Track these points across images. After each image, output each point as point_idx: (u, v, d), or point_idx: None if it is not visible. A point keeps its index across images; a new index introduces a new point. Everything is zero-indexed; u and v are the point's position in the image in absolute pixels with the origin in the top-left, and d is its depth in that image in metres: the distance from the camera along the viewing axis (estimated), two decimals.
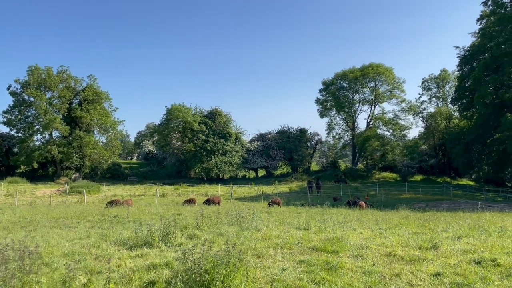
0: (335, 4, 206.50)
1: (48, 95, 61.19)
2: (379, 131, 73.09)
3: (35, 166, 59.23)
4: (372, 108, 75.67)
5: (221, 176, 67.09)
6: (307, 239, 10.40)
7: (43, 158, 59.26)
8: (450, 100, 68.53)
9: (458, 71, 63.43)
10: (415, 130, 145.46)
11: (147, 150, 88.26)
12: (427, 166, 68.47)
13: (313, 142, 76.55)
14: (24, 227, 15.75)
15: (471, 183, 63.88)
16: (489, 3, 53.45)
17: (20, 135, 60.94)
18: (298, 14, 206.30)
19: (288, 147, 69.88)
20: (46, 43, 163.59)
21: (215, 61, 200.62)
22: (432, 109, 73.58)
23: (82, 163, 62.40)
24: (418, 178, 65.42)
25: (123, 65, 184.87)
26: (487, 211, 24.32)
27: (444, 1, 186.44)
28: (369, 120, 75.44)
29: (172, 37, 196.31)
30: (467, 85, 58.70)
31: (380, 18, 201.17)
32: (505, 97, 50.89)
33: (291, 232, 11.87)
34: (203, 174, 64.54)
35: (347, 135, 77.60)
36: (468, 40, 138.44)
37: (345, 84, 74.84)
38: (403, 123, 73.57)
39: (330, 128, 77.41)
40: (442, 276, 6.67)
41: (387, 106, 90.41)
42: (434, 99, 75.45)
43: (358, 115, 76.97)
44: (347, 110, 75.80)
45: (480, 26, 56.83)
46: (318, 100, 77.36)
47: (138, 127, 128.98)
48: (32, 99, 58.90)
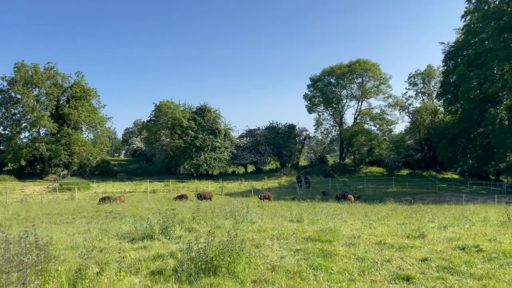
0: (321, 0, 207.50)
1: (36, 92, 60.66)
2: (366, 126, 74.19)
3: (23, 163, 58.75)
4: (359, 103, 76.65)
5: (210, 172, 67.38)
6: (301, 230, 10.88)
7: (31, 155, 58.84)
8: (435, 95, 69.81)
9: (443, 67, 64.63)
10: (401, 125, 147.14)
11: (135, 147, 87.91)
12: (413, 160, 69.75)
13: (301, 138, 77.25)
14: (21, 223, 15.93)
15: (456, 176, 65.31)
16: (473, 0, 54.47)
17: (7, 132, 60.36)
18: (285, 10, 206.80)
19: (277, 142, 70.44)
20: (31, 39, 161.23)
21: (203, 58, 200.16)
22: (418, 104, 74.91)
23: (71, 160, 62.04)
24: (405, 172, 66.58)
25: (108, 61, 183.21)
26: (471, 203, 25.16)
27: None
28: (356, 115, 76.38)
29: (159, 33, 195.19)
30: (451, 80, 59.83)
31: (366, 14, 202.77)
32: (488, 92, 52.09)
33: (285, 224, 12.34)
34: (192, 170, 64.75)
35: (335, 130, 78.47)
36: (453, 36, 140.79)
37: (332, 80, 75.60)
38: (389, 118, 74.66)
39: (318, 123, 78.20)
40: (429, 261, 7.21)
41: (374, 102, 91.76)
42: (420, 94, 76.71)
43: (346, 110, 77.89)
44: (335, 106, 76.60)
45: (465, 23, 57.84)
46: (306, 96, 78.02)
47: (125, 124, 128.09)
48: (19, 97, 58.37)
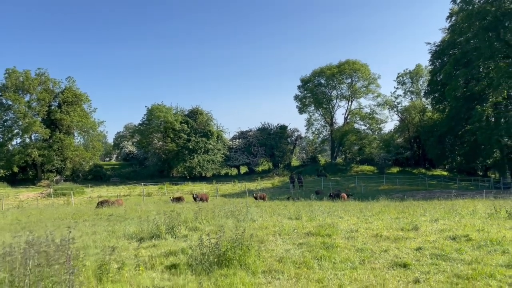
0: (309, 2, 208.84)
1: (27, 98, 60.63)
2: (356, 125, 75.38)
3: (15, 170, 58.60)
4: (349, 103, 77.69)
5: (204, 174, 67.76)
6: (301, 226, 11.45)
7: (24, 161, 58.72)
8: (423, 94, 71.12)
9: (430, 66, 65.92)
10: (390, 123, 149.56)
11: (127, 151, 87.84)
12: (403, 158, 70.91)
13: (293, 138, 78.02)
14: (24, 228, 16.23)
15: (445, 173, 66.56)
16: (458, 1, 55.66)
17: None
18: (274, 12, 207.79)
19: (269, 143, 71.07)
20: (20, 45, 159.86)
21: (193, 60, 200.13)
22: (406, 103, 76.20)
23: (63, 166, 61.97)
24: (395, 170, 67.66)
25: (97, 66, 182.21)
26: (460, 198, 25.96)
27: None
28: (346, 115, 77.43)
29: (148, 37, 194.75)
30: (439, 79, 61.04)
31: (355, 14, 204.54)
32: (474, 90, 53.30)
33: (285, 221, 12.89)
34: (186, 172, 65.09)
35: (326, 130, 79.40)
36: (439, 36, 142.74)
37: (322, 81, 76.54)
38: (379, 117, 75.87)
39: (309, 124, 79.05)
40: (423, 250, 7.83)
41: (364, 101, 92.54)
42: (409, 93, 78.02)
43: (336, 110, 78.91)
44: (325, 106, 77.52)
45: (450, 23, 59.13)
46: (297, 97, 78.84)
47: (115, 128, 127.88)
48: (10, 103, 58.28)
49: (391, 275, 6.27)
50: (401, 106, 75.75)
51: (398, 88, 77.49)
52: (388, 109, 76.45)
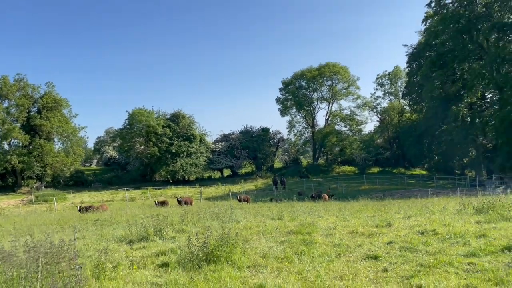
0: (289, 4, 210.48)
1: (5, 104, 59.85)
2: (337, 127, 76.91)
3: None
4: (330, 105, 79.13)
5: (187, 178, 67.96)
6: (283, 226, 12.10)
7: (3, 168, 57.91)
8: (402, 95, 72.97)
9: (408, 68, 67.75)
10: (370, 124, 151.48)
11: (108, 156, 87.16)
12: (383, 158, 72.54)
13: (275, 140, 78.90)
14: (12, 234, 16.44)
15: (424, 172, 68.35)
16: (432, 5, 57.52)
17: None
18: (254, 14, 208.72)
19: (252, 146, 71.73)
20: None
21: (172, 64, 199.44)
22: (385, 104, 78.05)
23: (44, 172, 61.31)
24: (375, 170, 69.15)
25: (75, 70, 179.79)
26: (436, 197, 27.05)
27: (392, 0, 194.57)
28: (327, 117, 78.80)
29: (126, 40, 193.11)
30: (416, 80, 62.85)
31: (335, 17, 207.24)
32: (450, 91, 55.15)
33: (268, 222, 13.53)
34: (169, 176, 65.21)
35: (307, 132, 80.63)
36: (415, 38, 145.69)
37: (303, 83, 77.72)
38: (359, 118, 77.50)
39: (291, 126, 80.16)
40: (394, 244, 8.56)
41: (344, 103, 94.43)
42: (388, 94, 79.89)
43: (317, 112, 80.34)
44: (307, 108, 78.75)
45: (426, 26, 61.01)
46: (278, 99, 79.85)
47: (95, 133, 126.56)
48: None
49: (363, 266, 6.97)
50: (380, 107, 77.65)
51: (377, 89, 79.39)
52: (368, 110, 78.22)
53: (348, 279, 6.20)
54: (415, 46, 64.89)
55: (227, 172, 76.17)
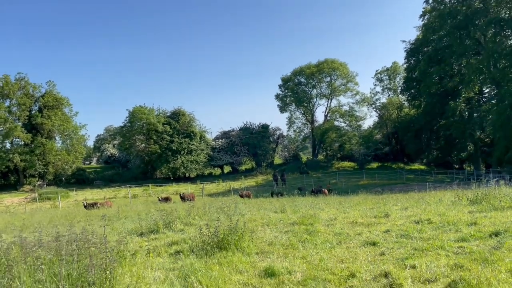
0: (289, 2, 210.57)
1: (7, 103, 60.40)
2: (336, 123, 77.52)
3: None
4: (329, 101, 79.78)
5: (187, 175, 68.57)
6: (286, 218, 12.70)
7: (5, 167, 58.51)
8: (400, 90, 73.54)
9: (406, 63, 68.27)
10: (369, 120, 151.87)
11: (109, 154, 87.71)
12: (382, 153, 73.22)
13: (275, 137, 79.52)
14: (23, 230, 16.99)
15: (422, 167, 69.06)
16: (430, 0, 57.95)
17: None
18: (254, 11, 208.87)
19: (252, 142, 72.32)
20: None
21: (172, 61, 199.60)
22: (384, 99, 78.66)
23: (46, 170, 61.90)
24: (374, 165, 69.83)
25: (75, 68, 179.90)
26: (434, 190, 27.68)
27: None
28: (326, 113, 79.41)
29: (126, 37, 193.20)
30: (414, 76, 63.37)
31: (334, 13, 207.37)
32: (448, 86, 55.77)
33: (271, 215, 14.13)
34: (170, 174, 65.83)
35: (307, 128, 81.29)
36: (413, 34, 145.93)
37: (302, 80, 78.33)
38: (358, 114, 78.22)
39: (291, 122, 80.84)
40: (391, 232, 9.18)
41: (343, 99, 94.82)
42: (387, 90, 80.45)
43: (316, 109, 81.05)
44: (306, 105, 79.36)
45: (423, 22, 61.47)
46: (278, 96, 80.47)
47: (95, 131, 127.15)
48: None
49: (362, 251, 7.58)
50: (379, 103, 78.22)
51: (376, 85, 79.97)
52: (367, 106, 78.83)
53: (349, 262, 6.81)
54: (413, 41, 65.39)
55: (227, 169, 76.82)
